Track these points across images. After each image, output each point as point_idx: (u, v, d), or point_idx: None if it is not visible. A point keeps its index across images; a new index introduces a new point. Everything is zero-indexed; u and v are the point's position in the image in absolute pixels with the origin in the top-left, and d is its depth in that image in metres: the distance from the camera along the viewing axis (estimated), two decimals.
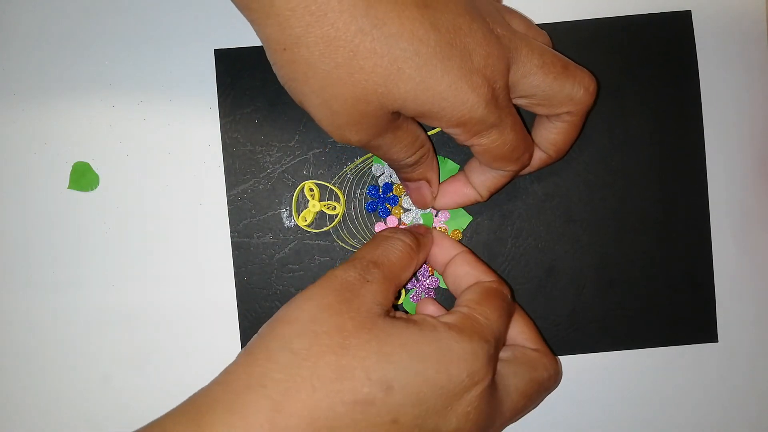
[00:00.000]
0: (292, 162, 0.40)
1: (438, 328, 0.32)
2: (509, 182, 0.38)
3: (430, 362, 0.30)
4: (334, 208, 0.40)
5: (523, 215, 0.41)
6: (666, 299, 0.41)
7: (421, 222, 0.40)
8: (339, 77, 0.30)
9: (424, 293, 0.40)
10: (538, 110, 0.36)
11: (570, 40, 0.41)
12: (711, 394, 0.41)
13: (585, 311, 0.41)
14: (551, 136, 0.37)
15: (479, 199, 0.38)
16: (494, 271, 0.37)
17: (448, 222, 0.40)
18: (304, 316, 0.31)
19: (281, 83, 0.32)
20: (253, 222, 0.40)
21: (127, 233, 0.40)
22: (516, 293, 0.41)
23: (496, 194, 0.40)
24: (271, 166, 0.40)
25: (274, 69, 0.32)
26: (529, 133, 0.37)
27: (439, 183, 0.39)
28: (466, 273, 0.37)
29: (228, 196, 0.40)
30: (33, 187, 0.40)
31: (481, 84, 0.31)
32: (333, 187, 0.40)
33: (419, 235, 0.37)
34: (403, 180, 0.38)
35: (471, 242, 0.41)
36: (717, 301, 0.41)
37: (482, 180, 0.37)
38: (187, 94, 0.40)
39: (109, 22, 0.40)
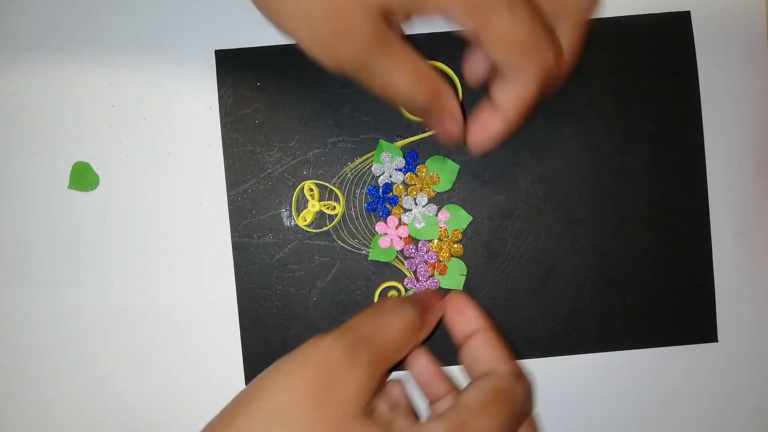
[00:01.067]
0: (292, 162, 0.40)
1: None
2: (538, 99, 0.33)
3: None
4: (334, 208, 0.40)
5: (523, 215, 0.41)
6: (666, 299, 0.41)
7: (423, 224, 0.40)
8: None
9: None
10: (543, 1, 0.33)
11: None
12: (711, 394, 0.41)
13: (585, 311, 0.41)
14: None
15: (509, 126, 0.34)
16: (513, 353, 0.35)
17: (449, 222, 0.40)
18: (276, 404, 0.28)
19: (263, 15, 0.31)
20: (253, 222, 0.40)
21: (127, 233, 0.40)
22: (516, 293, 0.41)
23: (497, 199, 0.40)
24: (271, 166, 0.40)
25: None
26: None
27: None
28: (482, 356, 0.34)
29: (228, 196, 0.40)
30: (33, 187, 0.40)
31: None
32: (333, 187, 0.40)
33: (429, 309, 0.34)
34: (426, 119, 0.35)
35: (471, 242, 0.41)
36: (717, 300, 0.41)
37: (508, 97, 0.33)
38: (187, 94, 0.40)
39: (109, 22, 0.40)
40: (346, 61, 0.30)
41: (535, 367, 0.41)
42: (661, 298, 0.41)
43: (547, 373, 0.41)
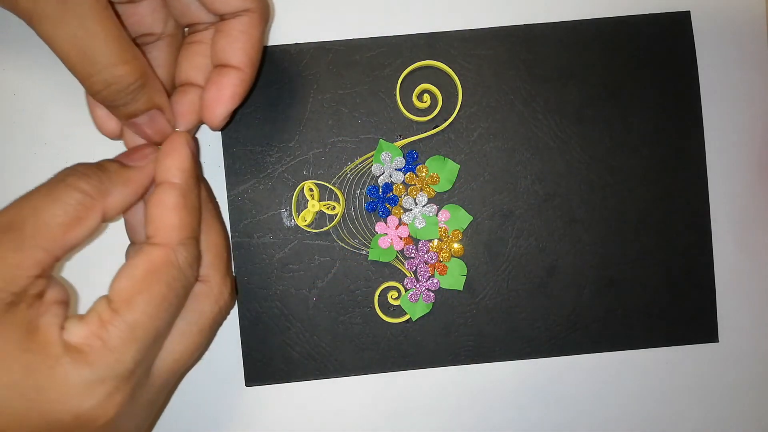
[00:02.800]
0: (292, 162, 0.40)
1: (49, 354, 0.26)
2: (262, 39, 0.32)
3: (38, 398, 0.25)
4: (334, 208, 0.40)
5: (523, 215, 0.41)
6: (667, 299, 0.41)
7: (424, 223, 0.40)
8: None
9: (423, 294, 0.40)
10: (209, 7, 0.30)
11: (570, 40, 0.41)
12: (712, 394, 0.41)
13: (586, 311, 0.41)
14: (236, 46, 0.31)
15: (244, 77, 0.32)
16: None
17: (449, 222, 0.40)
18: None
19: None
20: (253, 222, 0.40)
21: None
22: (516, 293, 0.41)
23: (497, 199, 0.39)
24: (271, 166, 0.40)
25: None
26: None
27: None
28: (157, 218, 0.29)
29: (228, 196, 0.40)
30: (33, 187, 0.40)
31: None
32: (333, 187, 0.40)
33: (121, 169, 0.29)
34: (127, 118, 0.30)
35: (471, 242, 0.40)
36: (717, 301, 0.41)
37: (229, 45, 0.31)
38: None
39: None
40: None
41: (536, 367, 0.41)
42: (662, 298, 0.41)
43: (547, 373, 0.41)
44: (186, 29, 0.35)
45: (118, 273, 0.29)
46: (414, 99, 0.40)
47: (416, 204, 0.40)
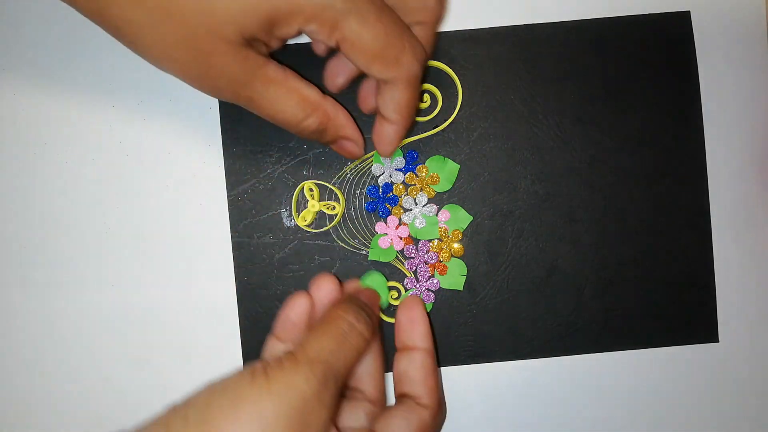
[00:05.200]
0: (292, 162, 0.40)
1: None
2: (415, 98, 0.35)
3: None
4: (334, 208, 0.40)
5: (524, 215, 0.41)
6: (667, 299, 0.41)
7: (424, 223, 0.40)
8: (161, 23, 0.29)
9: (423, 294, 0.40)
10: None
11: (571, 40, 0.41)
12: (712, 394, 0.41)
13: (586, 311, 0.41)
14: None
15: (398, 128, 0.35)
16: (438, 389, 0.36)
17: (449, 222, 0.40)
18: None
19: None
20: (254, 222, 0.40)
21: (127, 233, 0.40)
22: (517, 293, 0.41)
23: (497, 199, 0.39)
24: (271, 167, 0.40)
25: (119, 41, 0.31)
26: None
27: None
28: (416, 378, 0.35)
29: (228, 196, 0.40)
30: (33, 187, 0.40)
31: None
32: (333, 187, 0.40)
33: (375, 320, 0.34)
34: (325, 144, 0.36)
35: (471, 242, 0.40)
36: (718, 301, 0.41)
37: (385, 104, 0.34)
38: (187, 94, 0.40)
39: None
40: (228, 95, 0.32)
41: (536, 367, 0.41)
42: (662, 298, 0.41)
43: (548, 373, 0.41)
44: None
45: (391, 419, 0.34)
46: None
47: (416, 204, 0.40)
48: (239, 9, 0.29)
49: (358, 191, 0.40)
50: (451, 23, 0.41)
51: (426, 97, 0.40)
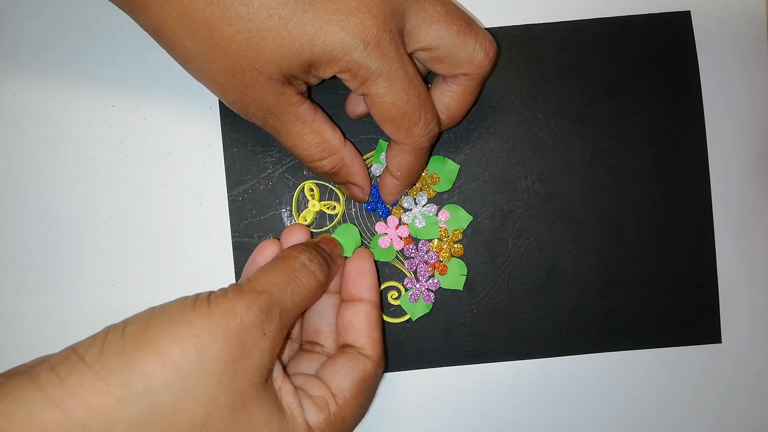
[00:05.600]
0: (293, 162, 0.40)
1: (298, 429, 0.30)
2: (418, 164, 0.36)
3: None
4: (334, 207, 0.40)
5: (524, 215, 0.41)
6: (669, 300, 0.41)
7: (424, 223, 0.40)
8: (209, 52, 0.31)
9: (423, 294, 0.40)
10: (438, 67, 0.35)
11: (570, 40, 0.41)
12: (714, 395, 0.41)
13: (586, 311, 0.41)
14: (446, 100, 0.36)
15: (398, 184, 0.37)
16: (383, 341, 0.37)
17: (449, 222, 0.40)
18: (181, 365, 0.27)
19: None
20: (254, 222, 0.40)
21: (127, 233, 0.40)
22: (517, 293, 0.40)
23: (497, 199, 0.39)
24: (271, 166, 0.40)
25: (174, 58, 0.33)
26: None
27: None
28: (360, 329, 0.35)
29: (228, 197, 0.40)
30: (33, 187, 0.40)
31: (357, 25, 0.30)
32: (333, 187, 0.40)
33: (331, 264, 0.35)
34: (337, 183, 0.38)
35: (471, 242, 0.40)
36: (720, 301, 0.41)
37: (391, 158, 0.36)
38: (187, 94, 0.40)
39: (109, 22, 0.40)
40: (256, 119, 0.34)
41: (537, 367, 0.41)
42: (664, 298, 0.41)
43: (548, 373, 0.41)
44: None
45: (334, 367, 0.34)
46: None
47: (416, 204, 0.40)
48: (282, 53, 0.31)
49: None
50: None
51: None
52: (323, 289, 0.34)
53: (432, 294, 0.40)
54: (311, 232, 0.37)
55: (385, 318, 0.40)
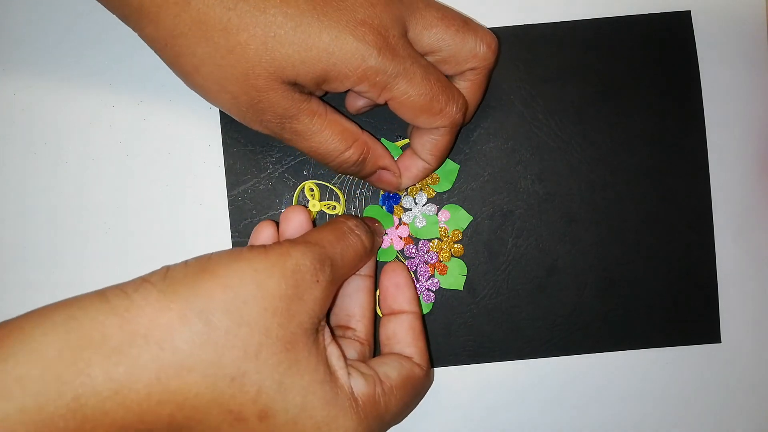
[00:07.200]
0: (293, 162, 0.40)
1: (341, 393, 0.30)
2: (452, 143, 0.37)
3: (316, 414, 0.29)
4: (334, 207, 0.40)
5: (524, 215, 0.41)
6: (668, 300, 0.41)
7: (424, 223, 0.40)
8: (222, 57, 0.31)
9: (423, 294, 0.40)
10: (445, 68, 0.35)
11: (570, 40, 0.41)
12: (714, 395, 0.41)
13: (586, 311, 0.41)
14: None
15: (429, 166, 0.37)
16: (428, 350, 0.37)
17: (449, 222, 0.40)
18: (240, 292, 0.28)
19: (185, 84, 0.34)
20: (254, 222, 0.40)
21: (127, 233, 0.40)
22: (517, 293, 0.40)
23: (497, 199, 0.39)
24: (271, 167, 0.40)
25: (171, 68, 0.33)
26: None
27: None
28: (404, 339, 0.36)
29: (228, 197, 0.40)
30: (33, 187, 0.40)
31: (368, 33, 0.31)
32: (333, 187, 0.40)
33: (376, 239, 0.36)
34: (363, 178, 0.38)
35: (471, 242, 0.40)
36: (720, 301, 0.41)
37: (422, 144, 0.37)
38: (187, 94, 0.40)
39: (109, 22, 0.40)
40: (272, 126, 0.34)
41: (536, 367, 0.41)
42: (664, 298, 0.41)
43: (548, 373, 0.41)
44: None
45: (382, 359, 0.34)
46: None
47: (416, 204, 0.40)
48: (299, 59, 0.31)
49: (358, 191, 0.40)
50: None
51: None
52: (368, 257, 0.35)
53: (432, 294, 0.40)
54: (310, 216, 0.37)
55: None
